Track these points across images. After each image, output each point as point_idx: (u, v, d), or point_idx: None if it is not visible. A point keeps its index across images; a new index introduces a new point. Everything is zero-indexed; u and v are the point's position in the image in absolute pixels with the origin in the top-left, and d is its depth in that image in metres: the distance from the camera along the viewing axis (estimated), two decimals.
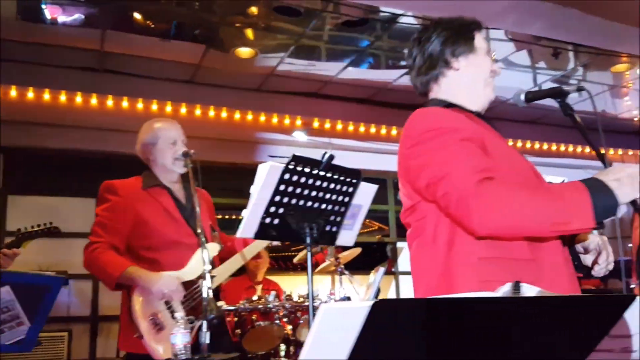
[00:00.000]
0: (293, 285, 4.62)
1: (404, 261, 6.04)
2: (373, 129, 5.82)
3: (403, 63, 5.10)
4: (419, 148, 1.47)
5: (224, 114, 5.18)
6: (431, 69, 1.64)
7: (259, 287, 4.33)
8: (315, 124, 5.61)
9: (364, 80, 5.39)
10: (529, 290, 0.84)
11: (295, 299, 3.68)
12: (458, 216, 1.38)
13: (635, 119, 6.52)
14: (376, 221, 6.75)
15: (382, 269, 4.27)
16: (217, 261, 2.52)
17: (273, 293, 3.61)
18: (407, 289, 6.01)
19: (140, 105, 4.91)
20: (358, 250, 4.71)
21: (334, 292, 4.11)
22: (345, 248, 4.50)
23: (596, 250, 1.53)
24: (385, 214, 6.31)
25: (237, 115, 5.25)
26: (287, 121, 5.44)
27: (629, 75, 5.36)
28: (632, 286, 3.68)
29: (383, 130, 5.84)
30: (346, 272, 4.38)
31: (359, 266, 5.43)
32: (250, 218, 2.20)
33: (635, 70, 5.20)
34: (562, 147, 6.62)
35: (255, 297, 3.54)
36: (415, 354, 0.80)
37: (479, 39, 1.65)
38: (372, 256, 5.96)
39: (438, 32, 1.65)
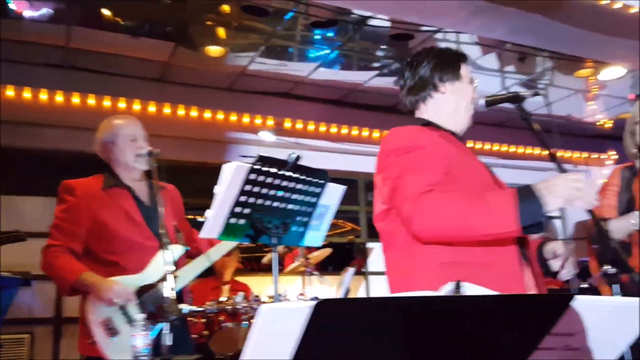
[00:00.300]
0: (262, 286, 4.61)
1: (374, 261, 6.08)
2: (344, 130, 5.84)
3: (374, 65, 5.14)
4: (388, 162, 1.69)
5: (193, 113, 5.13)
6: (421, 91, 1.84)
7: (227, 288, 4.30)
8: (287, 124, 5.59)
9: (335, 81, 5.41)
10: (471, 290, 0.85)
11: (264, 299, 3.67)
12: (406, 223, 1.57)
13: (599, 123, 6.69)
14: (349, 222, 6.77)
15: (351, 270, 4.30)
16: (184, 262, 2.49)
17: (241, 294, 3.58)
18: (377, 289, 6.06)
19: (107, 103, 4.83)
20: (328, 250, 4.72)
21: (304, 293, 4.11)
22: (316, 248, 4.51)
23: (563, 256, 1.64)
24: (355, 215, 6.34)
25: (208, 115, 5.20)
26: (258, 121, 5.42)
27: (593, 80, 5.48)
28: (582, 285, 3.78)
29: (354, 132, 5.86)
30: (315, 272, 4.39)
31: (331, 267, 5.45)
32: (215, 218, 2.18)
33: (599, 75, 5.31)
34: (529, 150, 6.75)
35: (223, 298, 3.52)
36: (360, 354, 0.80)
37: (464, 69, 1.85)
38: (344, 257, 5.98)
39: (429, 58, 1.86)
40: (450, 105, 1.82)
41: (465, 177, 1.62)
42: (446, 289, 0.84)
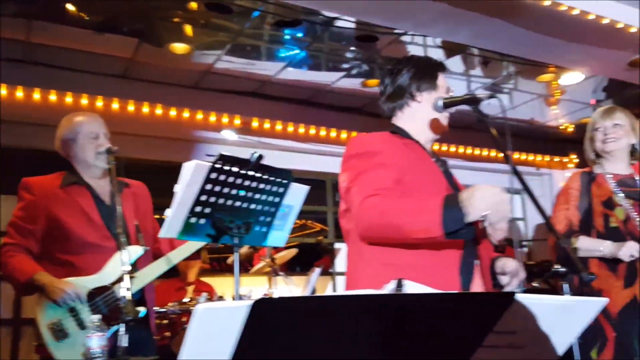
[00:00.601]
0: (227, 287, 4.57)
1: (341, 261, 6.10)
2: (312, 131, 5.83)
3: (342, 66, 5.16)
4: (346, 165, 1.80)
5: (158, 111, 5.05)
6: (398, 98, 1.92)
7: (191, 289, 4.25)
8: (255, 123, 5.56)
9: (303, 82, 5.40)
10: (412, 289, 0.86)
11: (228, 300, 3.64)
12: (354, 223, 1.70)
13: (562, 127, 6.84)
14: (318, 222, 6.79)
15: (317, 270, 4.31)
16: (147, 262, 2.45)
17: (204, 295, 3.56)
18: (344, 289, 6.06)
19: (69, 99, 4.72)
20: (294, 251, 4.72)
21: (270, 294, 4.10)
22: (282, 249, 4.50)
23: (512, 274, 1.72)
24: (322, 215, 6.35)
25: (173, 113, 5.13)
26: (225, 120, 5.37)
27: (556, 85, 5.61)
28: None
29: (322, 132, 5.86)
30: (281, 272, 4.38)
31: (299, 267, 5.45)
32: (174, 217, 2.16)
33: (559, 79, 5.43)
34: (493, 153, 6.86)
35: (186, 299, 3.48)
36: (300, 353, 0.79)
37: (441, 79, 1.93)
38: (312, 257, 5.99)
39: (409, 67, 1.93)
40: (425, 114, 1.89)
41: (418, 187, 1.71)
42: (388, 288, 0.85)
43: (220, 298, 3.64)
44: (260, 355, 0.76)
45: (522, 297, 0.97)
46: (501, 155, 1.68)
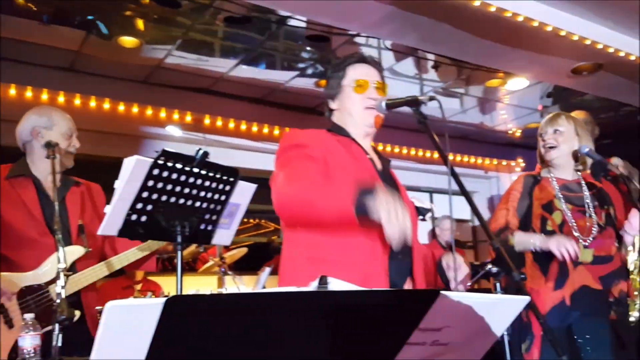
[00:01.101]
0: (174, 286, 4.49)
1: None
2: (266, 129, 5.80)
3: (297, 65, 5.15)
4: (277, 159, 1.84)
5: (106, 105, 4.92)
6: (328, 99, 2.00)
7: (138, 288, 4.16)
8: (207, 120, 5.49)
9: (257, 80, 5.36)
10: (337, 285, 0.86)
11: None
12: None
13: (510, 131, 7.05)
14: (272, 222, 6.75)
15: (267, 269, 4.28)
16: (86, 264, 2.37)
17: (149, 294, 3.49)
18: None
19: (12, 91, 4.54)
20: (244, 250, 4.68)
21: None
22: (232, 247, 4.46)
23: (456, 265, 1.77)
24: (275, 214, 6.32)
25: (121, 107, 5.00)
26: (176, 116, 5.28)
27: (504, 90, 5.76)
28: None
29: (276, 131, 5.84)
30: (230, 272, 4.33)
31: (249, 266, 5.40)
32: (114, 214, 2.10)
33: (507, 85, 5.58)
34: (450, 157, 6.98)
35: (132, 298, 3.41)
36: (217, 350, 0.78)
37: (350, 74, 1.92)
38: (263, 256, 5.95)
39: (327, 76, 2.00)
40: (344, 118, 1.93)
41: (348, 180, 1.70)
42: (313, 285, 0.85)
43: (167, 297, 3.57)
44: (175, 353, 0.75)
45: (448, 294, 0.99)
46: (456, 158, 1.70)
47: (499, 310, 1.11)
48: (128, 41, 4.43)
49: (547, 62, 4.59)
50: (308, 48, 4.79)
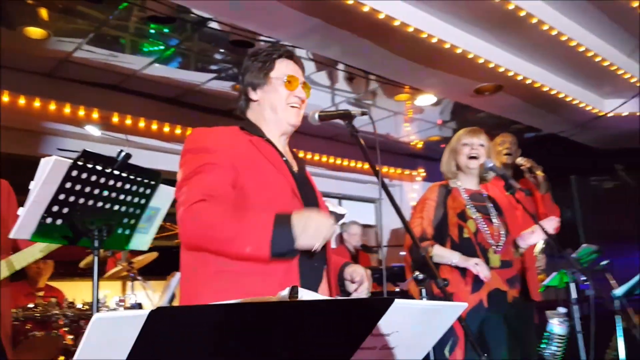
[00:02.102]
0: (77, 292, 4.26)
1: None
2: (178, 130, 5.65)
3: (213, 67, 5.09)
4: (183, 160, 1.70)
5: (5, 98, 4.56)
6: (240, 99, 1.88)
7: (40, 294, 3.90)
8: (115, 119, 5.26)
9: (171, 79, 5.22)
10: (306, 295, 0.90)
11: (79, 306, 3.42)
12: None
13: (412, 143, 7.43)
14: (175, 224, 6.57)
15: (178, 274, 4.17)
16: None
17: (53, 300, 3.31)
18: None
19: None
20: (154, 254, 4.53)
21: (124, 299, 3.90)
22: (139, 252, 4.30)
23: (360, 281, 1.72)
24: None
25: (22, 101, 4.66)
26: (81, 112, 5.00)
27: (410, 104, 6.06)
28: (397, 289, 4.16)
29: (188, 132, 5.71)
30: (139, 277, 4.19)
31: (155, 271, 5.22)
32: (28, 217, 2.00)
33: (415, 100, 5.87)
34: (352, 163, 7.23)
35: (31, 305, 3.21)
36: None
37: (280, 68, 1.84)
38: (171, 261, 5.78)
39: (247, 64, 1.87)
40: (264, 112, 1.83)
41: (256, 189, 1.65)
42: (282, 294, 0.88)
43: (71, 304, 3.39)
44: None
45: (399, 302, 1.05)
46: (363, 165, 1.75)
47: (441, 315, 1.20)
48: (35, 32, 4.14)
49: (455, 81, 4.92)
50: (222, 50, 4.74)
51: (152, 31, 4.35)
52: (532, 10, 4.05)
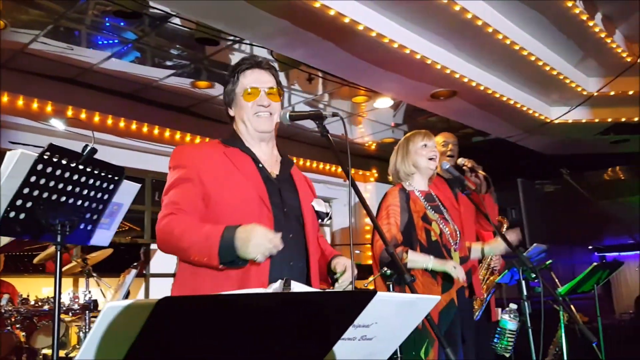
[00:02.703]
0: (32, 287, 4.15)
1: (156, 263, 5.92)
2: (134, 126, 5.58)
3: (171, 63, 5.03)
4: (168, 175, 1.87)
5: None
6: (227, 115, 2.00)
7: None
8: (70, 112, 5.13)
9: (128, 74, 5.14)
10: (297, 287, 0.95)
11: (33, 302, 3.34)
12: None
13: (367, 144, 7.56)
14: (127, 221, 6.45)
15: (133, 271, 4.13)
16: None
17: (6, 296, 3.22)
18: (157, 292, 5.89)
19: None
20: (109, 251, 4.45)
21: (78, 295, 3.83)
22: (94, 248, 4.22)
23: (341, 271, 1.83)
24: (139, 215, 6.08)
25: None
26: (35, 105, 4.86)
27: (365, 106, 6.18)
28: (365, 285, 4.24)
29: (145, 129, 5.63)
30: (94, 274, 4.12)
31: (109, 268, 5.13)
32: None
33: (371, 102, 6.00)
34: (308, 163, 7.29)
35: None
36: (199, 350, 0.82)
37: (242, 81, 1.92)
38: (123, 257, 5.68)
39: (226, 82, 1.97)
40: (240, 125, 1.95)
41: (226, 201, 1.77)
42: (274, 287, 0.92)
43: (25, 300, 3.31)
44: (155, 354, 0.78)
45: (379, 295, 1.12)
46: (318, 165, 1.78)
47: (416, 308, 1.28)
48: None
49: (412, 85, 5.04)
50: (179, 46, 4.69)
51: (111, 25, 4.27)
52: (488, 20, 4.23)
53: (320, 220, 1.97)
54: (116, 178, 2.35)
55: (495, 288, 3.78)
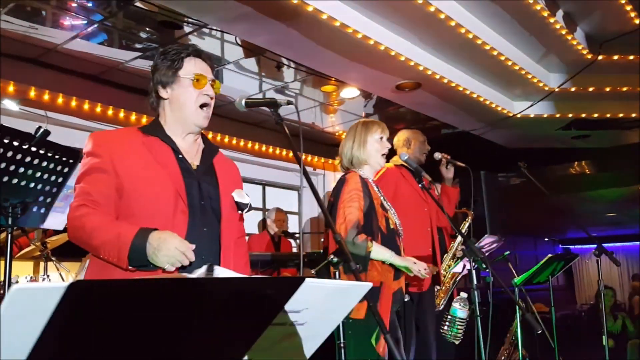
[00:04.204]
0: None
1: None
2: (99, 108, 5.49)
3: (138, 46, 4.96)
4: (82, 161, 1.82)
5: None
6: (150, 96, 1.93)
7: None
8: (32, 93, 5.02)
9: (93, 56, 5.05)
10: (222, 272, 0.98)
11: None
12: None
13: (337, 134, 7.60)
14: None
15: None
16: None
17: None
18: None
19: None
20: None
21: (36, 279, 3.79)
22: (55, 232, 4.18)
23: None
24: None
25: None
26: None
27: (336, 96, 6.20)
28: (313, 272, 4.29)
29: (110, 111, 5.56)
30: (53, 257, 4.07)
31: (70, 252, 5.07)
32: None
33: (340, 92, 6.02)
34: (277, 151, 7.31)
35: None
36: (112, 335, 0.82)
37: (188, 66, 1.87)
38: None
39: (157, 62, 1.90)
40: (173, 110, 1.88)
41: (134, 192, 1.74)
42: (199, 272, 0.95)
43: None
44: (68, 341, 0.76)
45: (310, 281, 1.15)
46: (288, 153, 1.81)
47: (348, 294, 1.32)
48: None
49: (377, 76, 5.07)
50: (148, 29, 4.64)
51: (76, 5, 4.19)
52: (451, 13, 4.28)
53: (240, 212, 1.96)
54: (71, 161, 2.34)
55: (459, 278, 3.88)
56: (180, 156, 1.86)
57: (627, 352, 6.56)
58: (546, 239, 14.87)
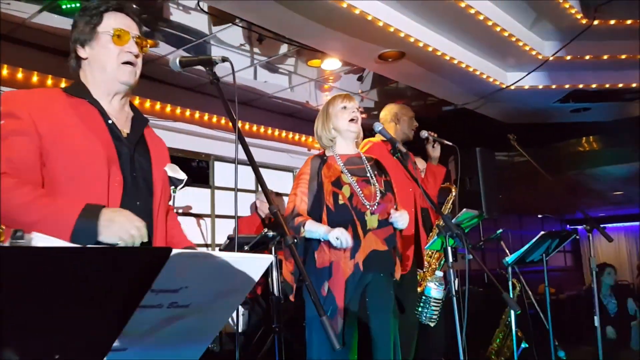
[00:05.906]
0: None
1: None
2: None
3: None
4: None
5: None
6: (69, 57, 1.75)
7: None
8: (5, 71, 4.83)
9: (60, 29, 4.81)
10: (42, 241, 0.80)
11: None
12: None
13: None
14: None
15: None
16: None
17: None
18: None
19: None
20: None
21: None
22: None
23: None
24: None
25: None
26: None
27: (328, 72, 5.92)
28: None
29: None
30: None
31: None
32: None
33: (323, 64, 5.69)
34: (270, 131, 7.10)
35: None
36: None
37: (108, 22, 1.71)
38: None
39: (76, 19, 1.73)
40: (94, 70, 1.72)
41: (61, 158, 1.57)
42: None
43: None
44: None
45: (182, 252, 0.97)
46: (280, 134, 1.63)
47: (244, 270, 1.13)
48: None
49: (357, 45, 4.80)
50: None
51: None
52: None
53: (173, 187, 1.85)
54: None
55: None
56: (110, 122, 1.70)
57: (631, 332, 6.38)
58: (539, 215, 14.61)
